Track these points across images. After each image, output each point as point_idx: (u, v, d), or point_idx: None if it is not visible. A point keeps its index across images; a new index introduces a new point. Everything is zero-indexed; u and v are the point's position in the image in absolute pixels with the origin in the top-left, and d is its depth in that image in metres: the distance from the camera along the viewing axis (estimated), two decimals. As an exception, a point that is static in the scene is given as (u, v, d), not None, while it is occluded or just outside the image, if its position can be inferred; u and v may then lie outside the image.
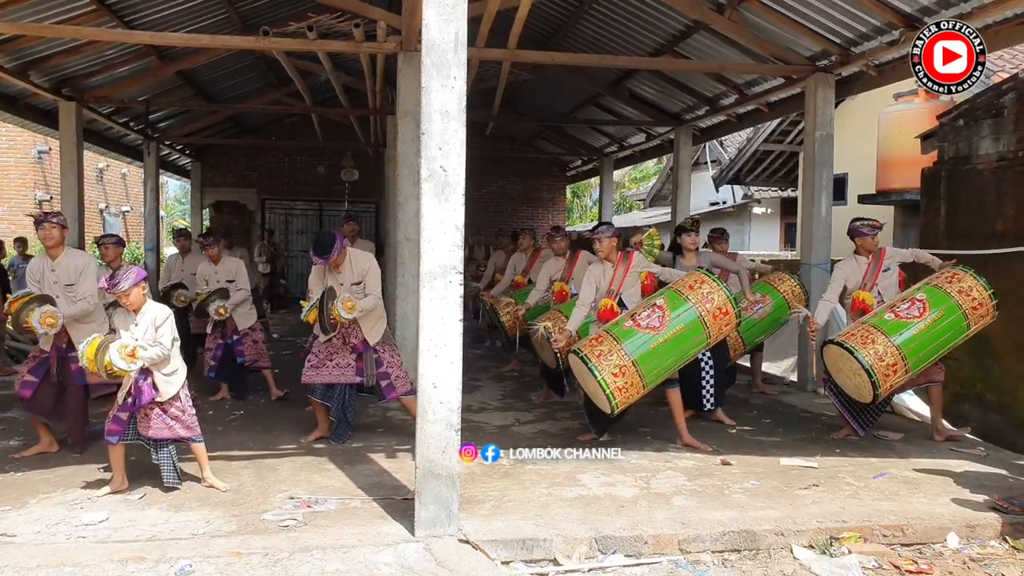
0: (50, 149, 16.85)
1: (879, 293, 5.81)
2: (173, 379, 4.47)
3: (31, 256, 11.33)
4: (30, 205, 17.47)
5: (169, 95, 11.90)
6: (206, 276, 7.09)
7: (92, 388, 5.27)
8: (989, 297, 5.45)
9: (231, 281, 6.98)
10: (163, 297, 7.46)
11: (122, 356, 4.15)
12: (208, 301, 6.81)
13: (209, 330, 7.00)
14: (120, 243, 6.19)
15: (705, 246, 7.12)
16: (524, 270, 8.57)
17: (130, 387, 4.36)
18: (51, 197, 17.48)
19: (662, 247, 6.54)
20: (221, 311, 6.73)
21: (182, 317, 6.91)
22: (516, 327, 7.83)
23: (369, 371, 5.51)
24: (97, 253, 6.91)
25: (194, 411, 4.63)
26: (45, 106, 10.15)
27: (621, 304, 5.60)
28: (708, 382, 6.12)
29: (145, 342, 4.31)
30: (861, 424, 5.80)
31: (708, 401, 6.13)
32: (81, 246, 10.58)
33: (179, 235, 8.40)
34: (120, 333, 4.34)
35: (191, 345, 7.44)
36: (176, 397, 4.49)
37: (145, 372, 4.34)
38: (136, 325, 4.41)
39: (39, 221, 5.18)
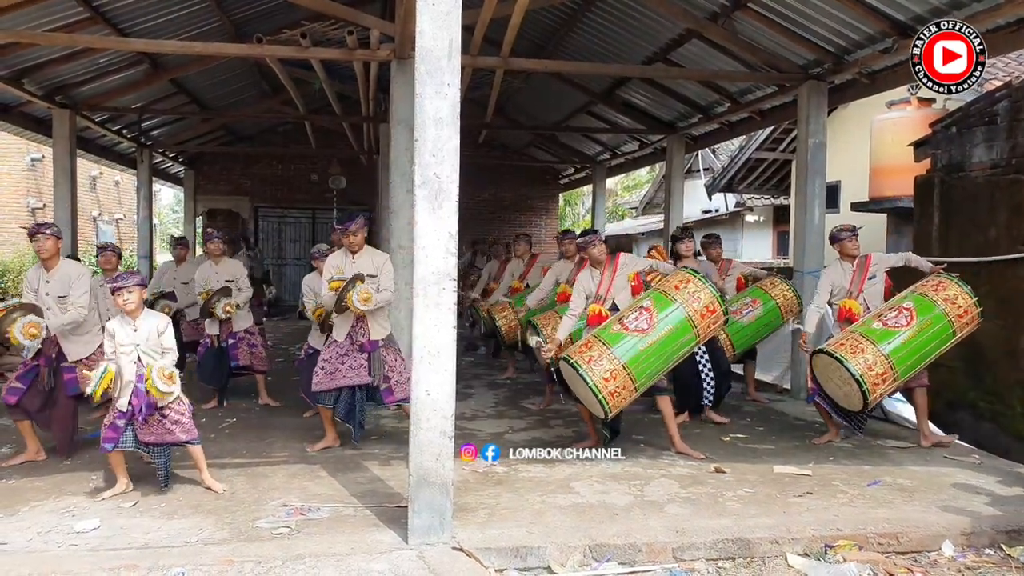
0: (43, 157, 16.80)
1: (865, 301, 5.84)
2: (173, 386, 4.46)
3: None
4: (23, 213, 17.42)
5: (162, 103, 11.88)
6: (206, 276, 7.01)
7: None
8: (974, 304, 5.50)
9: (231, 281, 6.93)
10: (149, 305, 7.43)
11: (162, 379, 4.31)
12: (213, 301, 6.73)
13: (217, 331, 6.87)
14: (119, 253, 6.42)
15: (697, 254, 7.17)
16: (521, 275, 8.60)
17: (130, 395, 4.38)
18: (44, 205, 17.43)
19: None
20: (228, 308, 6.69)
21: (175, 326, 6.90)
22: (513, 332, 7.87)
23: (377, 370, 5.42)
24: (94, 261, 6.94)
25: (191, 414, 4.64)
26: (39, 114, 10.13)
27: (614, 309, 5.59)
28: (708, 381, 6.31)
29: (152, 351, 4.41)
30: (856, 425, 5.83)
31: (708, 397, 6.35)
32: (74, 254, 10.55)
33: (178, 243, 8.38)
34: (152, 357, 4.41)
35: (183, 352, 7.41)
36: (177, 400, 4.53)
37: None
38: (136, 331, 4.44)
39: (32, 233, 5.17)
